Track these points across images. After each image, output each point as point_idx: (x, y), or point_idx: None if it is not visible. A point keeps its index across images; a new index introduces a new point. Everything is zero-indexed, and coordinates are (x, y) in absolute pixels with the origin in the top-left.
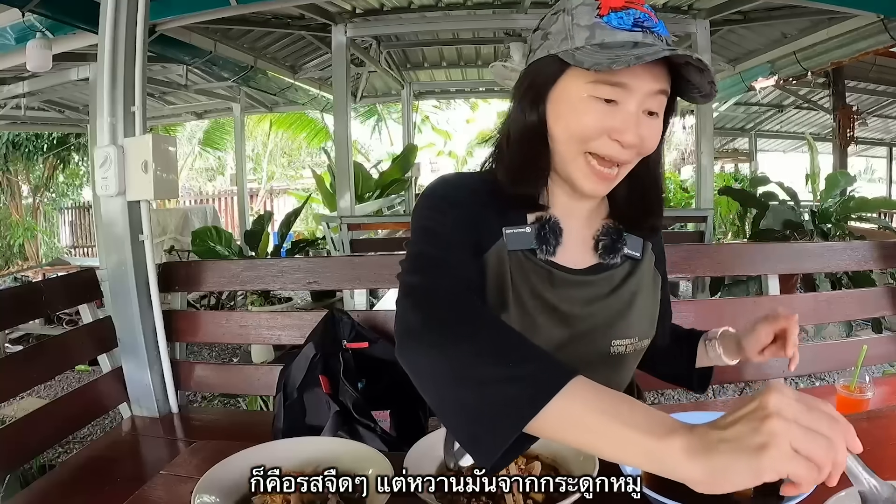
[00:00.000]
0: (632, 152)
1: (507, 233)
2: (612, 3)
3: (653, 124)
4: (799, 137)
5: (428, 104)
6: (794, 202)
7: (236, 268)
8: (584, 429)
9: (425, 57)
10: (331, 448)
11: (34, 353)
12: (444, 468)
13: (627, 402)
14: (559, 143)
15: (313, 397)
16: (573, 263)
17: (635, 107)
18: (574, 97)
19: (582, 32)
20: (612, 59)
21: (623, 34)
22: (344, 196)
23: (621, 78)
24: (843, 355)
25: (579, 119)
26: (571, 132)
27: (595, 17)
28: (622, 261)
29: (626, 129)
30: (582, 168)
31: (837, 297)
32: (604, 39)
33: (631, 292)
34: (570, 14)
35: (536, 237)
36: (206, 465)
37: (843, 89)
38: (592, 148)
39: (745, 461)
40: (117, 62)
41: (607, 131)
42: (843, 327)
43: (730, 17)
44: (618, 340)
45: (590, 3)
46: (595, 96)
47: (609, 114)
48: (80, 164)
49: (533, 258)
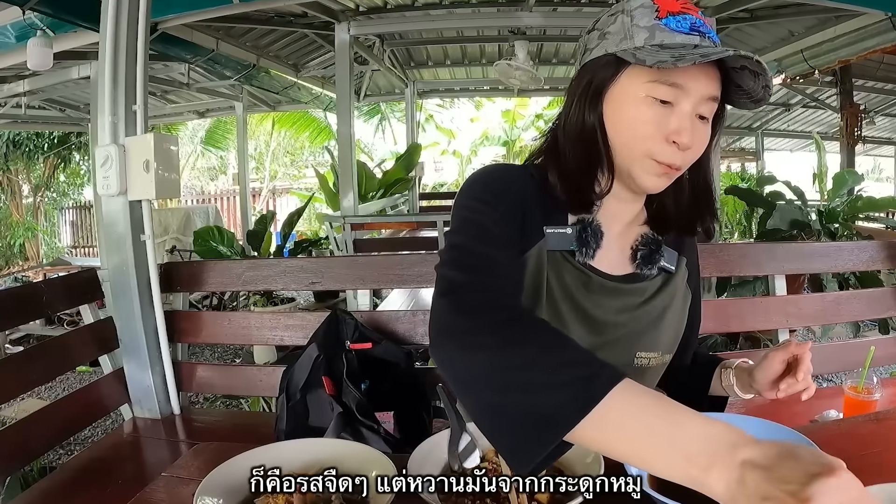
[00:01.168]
0: (688, 155)
1: (549, 232)
2: (670, 7)
3: (703, 129)
4: (806, 136)
5: (432, 103)
6: (801, 201)
7: (238, 268)
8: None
9: (429, 55)
10: (334, 450)
11: (35, 354)
12: (448, 469)
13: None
14: (619, 144)
15: (316, 398)
16: (609, 270)
17: (690, 108)
18: (631, 96)
19: (641, 33)
20: (676, 56)
21: (681, 37)
22: (347, 195)
23: (678, 79)
24: (851, 356)
25: (637, 119)
26: (630, 133)
27: (654, 20)
28: (657, 273)
29: (682, 130)
30: (645, 166)
31: (845, 298)
32: (663, 41)
33: (662, 306)
34: (630, 15)
35: (577, 239)
36: (209, 467)
37: (850, 88)
38: (653, 154)
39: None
40: (118, 60)
41: (664, 133)
42: (851, 328)
43: (736, 15)
44: (643, 353)
45: (648, 6)
46: (652, 96)
47: (665, 115)
48: (81, 164)
49: (571, 260)
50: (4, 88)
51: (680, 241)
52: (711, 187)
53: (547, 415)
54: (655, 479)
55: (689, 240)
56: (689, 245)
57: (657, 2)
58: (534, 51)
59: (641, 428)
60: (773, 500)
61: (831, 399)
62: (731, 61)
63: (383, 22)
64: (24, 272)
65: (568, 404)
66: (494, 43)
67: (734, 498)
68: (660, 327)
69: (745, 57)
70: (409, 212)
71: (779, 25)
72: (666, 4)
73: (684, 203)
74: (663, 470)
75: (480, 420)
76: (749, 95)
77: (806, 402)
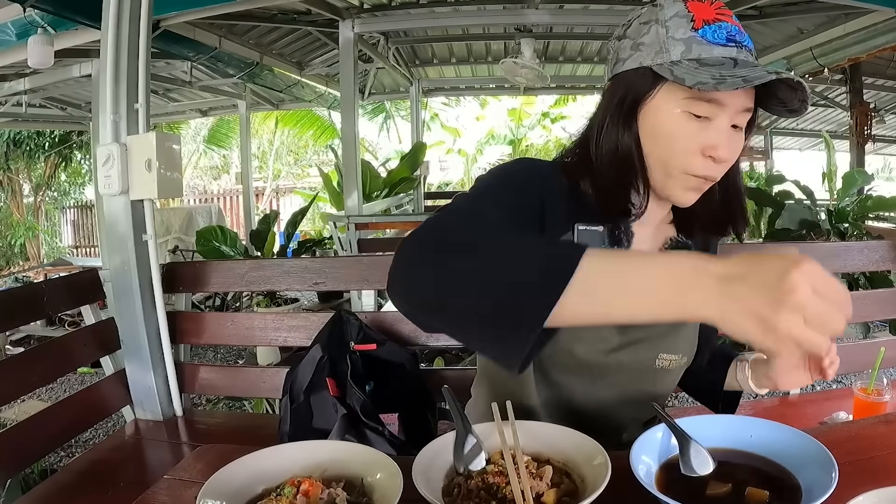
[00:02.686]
0: (723, 166)
1: (580, 229)
2: (705, 15)
3: (738, 139)
4: (815, 135)
5: (437, 101)
6: (810, 201)
7: (241, 268)
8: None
9: (434, 53)
10: (338, 452)
11: (35, 355)
12: (454, 472)
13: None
14: (655, 159)
15: (320, 400)
16: None
17: (727, 122)
18: (668, 112)
19: (678, 46)
20: (717, 79)
21: (719, 49)
22: (351, 195)
23: (717, 95)
24: (861, 357)
25: (675, 135)
26: (667, 152)
27: (691, 31)
28: None
29: (720, 145)
30: (681, 182)
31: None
32: (700, 55)
33: None
34: (665, 26)
35: (609, 238)
36: (211, 470)
37: (860, 86)
38: (690, 169)
39: (769, 295)
40: (120, 58)
41: (701, 148)
42: (861, 329)
43: (745, 13)
44: (665, 354)
45: (684, 16)
46: (689, 112)
47: (702, 130)
48: (82, 163)
49: None
50: (5, 87)
51: (705, 244)
52: (741, 190)
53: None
54: (662, 481)
55: (713, 243)
56: (713, 249)
57: (692, 9)
58: (540, 49)
59: (622, 282)
60: (763, 305)
61: (841, 401)
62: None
63: (388, 19)
64: (24, 272)
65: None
66: (500, 41)
67: (726, 313)
68: (683, 330)
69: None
70: (414, 211)
71: (788, 23)
72: (701, 12)
73: (714, 206)
74: (652, 312)
75: (461, 321)
76: (784, 105)
77: (815, 403)
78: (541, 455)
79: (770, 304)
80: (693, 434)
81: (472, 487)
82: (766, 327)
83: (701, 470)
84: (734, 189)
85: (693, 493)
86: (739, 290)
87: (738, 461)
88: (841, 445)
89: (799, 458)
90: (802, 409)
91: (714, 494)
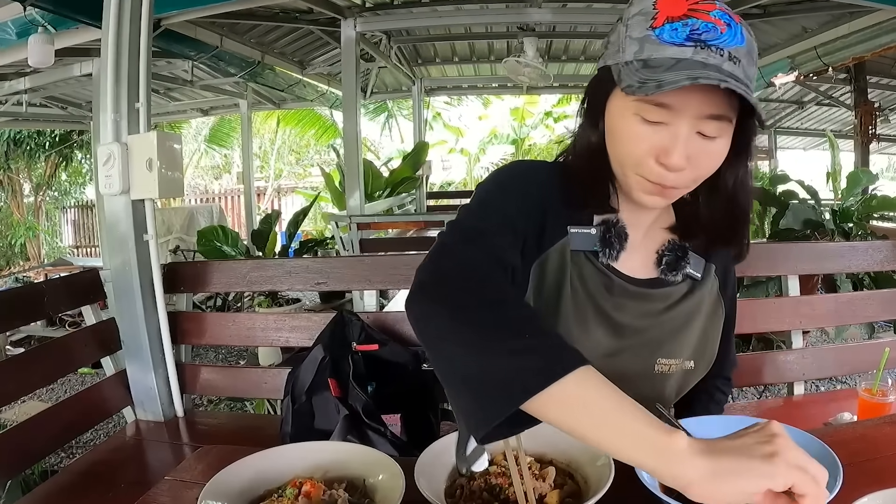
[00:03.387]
0: (682, 176)
1: (572, 231)
2: (672, 11)
3: (707, 147)
4: (819, 134)
5: (439, 100)
6: (814, 201)
7: (243, 268)
8: (588, 414)
9: (437, 52)
10: (340, 453)
11: (36, 356)
12: (456, 473)
13: (633, 402)
14: (613, 159)
15: (322, 401)
16: (633, 273)
17: (686, 129)
18: (621, 115)
19: (632, 45)
20: (642, 81)
21: (672, 49)
22: (353, 195)
23: (665, 99)
24: (865, 358)
25: (624, 139)
26: (618, 153)
27: (647, 30)
28: (682, 279)
29: (672, 152)
30: (635, 182)
31: (859, 299)
32: (650, 55)
33: (686, 312)
34: (626, 24)
35: (601, 240)
36: (213, 471)
37: (864, 85)
38: (642, 173)
39: (756, 466)
40: (121, 58)
41: (654, 153)
42: (865, 329)
43: (749, 12)
44: (664, 359)
45: (646, 13)
46: (640, 116)
47: (655, 134)
48: (82, 162)
49: (594, 261)
50: (5, 86)
51: (709, 249)
52: (740, 208)
53: (510, 381)
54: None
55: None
56: (722, 254)
57: (660, 6)
58: (543, 47)
59: (606, 401)
60: (742, 448)
61: (845, 401)
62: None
63: (390, 18)
64: (25, 272)
65: (529, 371)
66: (503, 39)
67: (700, 450)
68: (683, 334)
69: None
70: (417, 211)
71: (792, 22)
72: (668, 9)
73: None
74: (627, 438)
75: (443, 376)
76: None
77: (819, 404)
78: (544, 456)
79: (760, 465)
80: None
81: (475, 489)
82: (764, 480)
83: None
84: (730, 205)
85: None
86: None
87: None
88: (845, 446)
89: None
90: (807, 410)
91: None
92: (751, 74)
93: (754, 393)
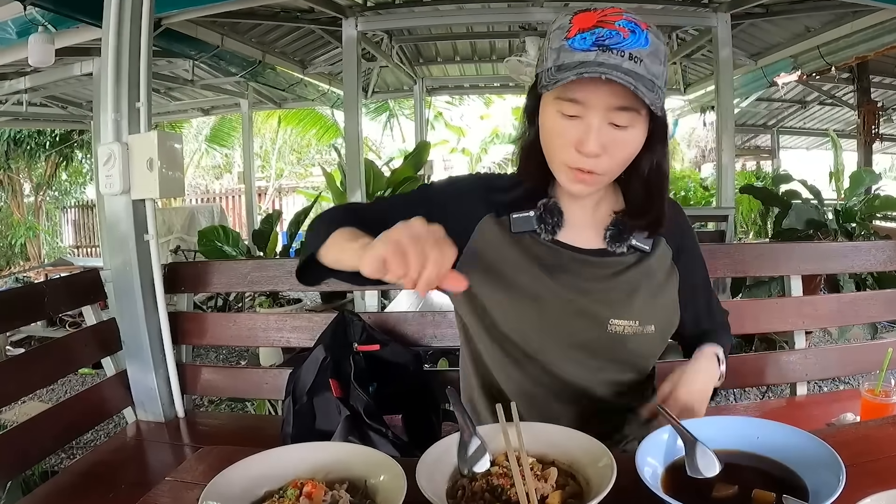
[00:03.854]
0: (599, 162)
1: (514, 217)
2: (584, 24)
3: (619, 136)
4: (822, 134)
5: (441, 100)
6: (817, 201)
7: (244, 268)
8: (337, 250)
9: (438, 51)
10: (341, 454)
11: (36, 356)
12: (458, 474)
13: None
14: (545, 155)
15: (323, 401)
16: (581, 244)
17: (598, 121)
18: (547, 113)
19: (552, 55)
20: (548, 80)
21: (580, 55)
22: (355, 194)
23: (576, 95)
24: (868, 358)
25: (549, 135)
26: (546, 146)
27: (563, 41)
28: (629, 251)
29: (585, 140)
30: (564, 173)
31: (862, 299)
32: (563, 61)
33: (635, 278)
34: (549, 38)
35: (537, 219)
36: (213, 472)
37: (867, 85)
38: (566, 161)
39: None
40: (121, 57)
41: (573, 143)
42: (868, 329)
43: (751, 11)
44: (616, 320)
45: (563, 27)
46: (561, 112)
47: (573, 127)
48: (83, 162)
49: (538, 239)
50: (5, 85)
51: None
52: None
53: (309, 245)
54: (668, 483)
55: (672, 222)
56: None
57: (575, 21)
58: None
59: (343, 247)
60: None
61: (848, 402)
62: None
63: (392, 17)
64: (25, 272)
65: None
66: (505, 39)
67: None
68: (633, 299)
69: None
70: None
71: (795, 21)
72: (581, 23)
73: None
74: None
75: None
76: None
77: (822, 405)
78: (546, 457)
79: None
80: (699, 435)
81: (477, 489)
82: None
83: (707, 472)
84: (645, 185)
85: (699, 495)
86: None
87: (745, 463)
88: (848, 447)
89: (806, 459)
90: (809, 411)
91: (720, 496)
92: (655, 71)
93: (757, 394)
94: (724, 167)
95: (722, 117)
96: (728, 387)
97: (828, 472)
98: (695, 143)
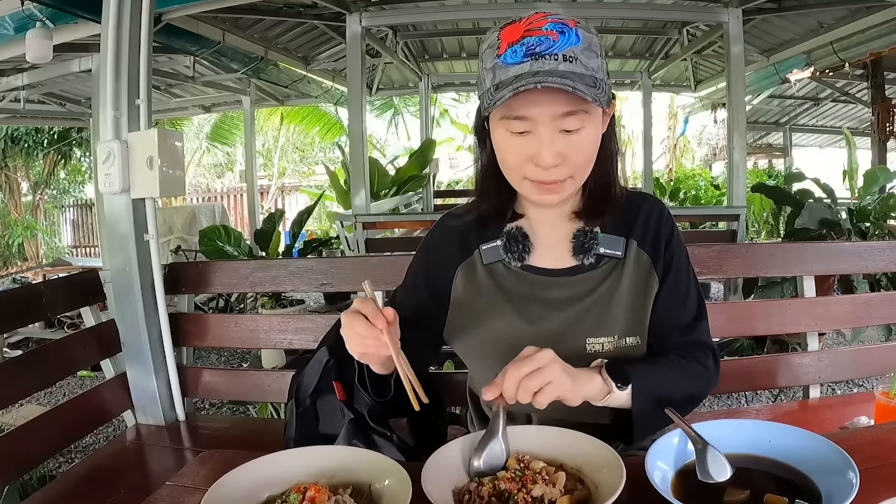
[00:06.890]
0: (560, 171)
1: (483, 249)
2: (511, 37)
3: (573, 140)
4: (836, 132)
5: (447, 97)
6: (830, 200)
7: (246, 269)
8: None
9: (444, 47)
10: (345, 457)
11: (34, 358)
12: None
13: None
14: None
15: (327, 404)
16: (551, 264)
17: (548, 132)
18: (496, 134)
19: (489, 75)
20: (489, 102)
21: (514, 68)
22: (359, 193)
23: (521, 111)
24: (883, 360)
25: (503, 155)
26: (503, 166)
27: (495, 58)
28: (599, 261)
29: (540, 154)
30: (527, 188)
31: (876, 300)
32: (500, 79)
33: (609, 292)
34: (482, 59)
35: (503, 248)
36: (215, 476)
37: (882, 81)
38: (527, 175)
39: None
40: (121, 53)
41: (528, 159)
42: (883, 331)
43: (763, 6)
44: (592, 339)
45: (493, 45)
46: (510, 131)
47: (524, 144)
48: (82, 160)
49: (509, 267)
50: (3, 82)
51: (627, 227)
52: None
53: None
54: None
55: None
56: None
57: (502, 36)
58: None
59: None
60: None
61: (862, 405)
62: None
63: (396, 13)
64: (23, 273)
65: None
66: None
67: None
68: (608, 312)
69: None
70: (424, 210)
71: (807, 16)
72: (508, 36)
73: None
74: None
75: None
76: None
77: (836, 408)
78: (554, 460)
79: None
80: (710, 439)
81: (483, 494)
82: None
83: (718, 476)
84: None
85: (710, 500)
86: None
87: (757, 467)
88: (862, 451)
89: (819, 463)
90: (822, 414)
91: (732, 501)
92: (593, 65)
93: (769, 396)
94: (735, 165)
95: (733, 115)
96: (739, 389)
97: (841, 477)
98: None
